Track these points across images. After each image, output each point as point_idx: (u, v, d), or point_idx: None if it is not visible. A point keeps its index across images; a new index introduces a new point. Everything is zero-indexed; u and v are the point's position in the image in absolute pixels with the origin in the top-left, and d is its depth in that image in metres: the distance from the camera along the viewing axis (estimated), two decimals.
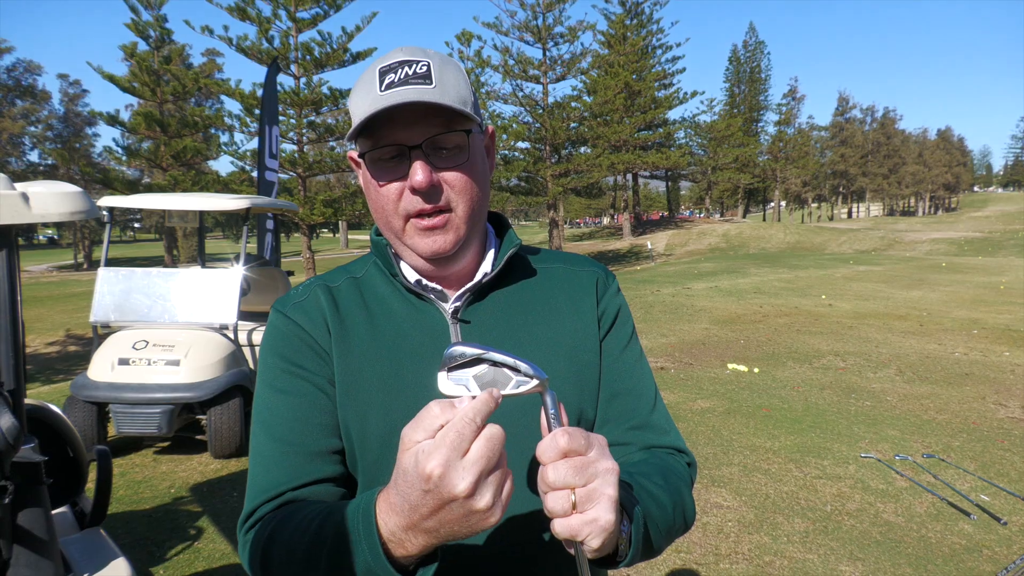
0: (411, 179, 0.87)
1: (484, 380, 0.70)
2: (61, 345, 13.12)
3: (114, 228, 8.41)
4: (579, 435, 0.69)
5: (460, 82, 0.89)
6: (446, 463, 0.62)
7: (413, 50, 0.90)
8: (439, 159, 0.89)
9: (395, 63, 0.87)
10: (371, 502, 0.71)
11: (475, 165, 0.92)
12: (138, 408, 5.01)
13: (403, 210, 0.90)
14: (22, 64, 50.11)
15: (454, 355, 0.70)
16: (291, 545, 0.80)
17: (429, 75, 0.86)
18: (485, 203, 0.96)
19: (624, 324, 1.07)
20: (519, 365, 0.70)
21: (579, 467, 0.67)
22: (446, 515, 0.65)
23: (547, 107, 34.67)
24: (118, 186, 27.11)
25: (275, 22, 24.12)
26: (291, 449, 0.90)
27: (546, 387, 0.71)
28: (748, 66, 67.60)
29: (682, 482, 0.94)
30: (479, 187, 0.93)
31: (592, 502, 0.68)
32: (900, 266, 22.42)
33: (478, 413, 0.64)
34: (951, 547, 3.72)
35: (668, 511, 0.87)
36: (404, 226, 0.92)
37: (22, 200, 1.79)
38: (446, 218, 0.90)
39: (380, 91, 0.85)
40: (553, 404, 0.71)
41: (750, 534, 3.93)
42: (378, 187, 0.91)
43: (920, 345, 9.36)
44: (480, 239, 1.01)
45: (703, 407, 6.51)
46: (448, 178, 0.89)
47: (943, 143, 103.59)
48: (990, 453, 5.14)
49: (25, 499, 1.85)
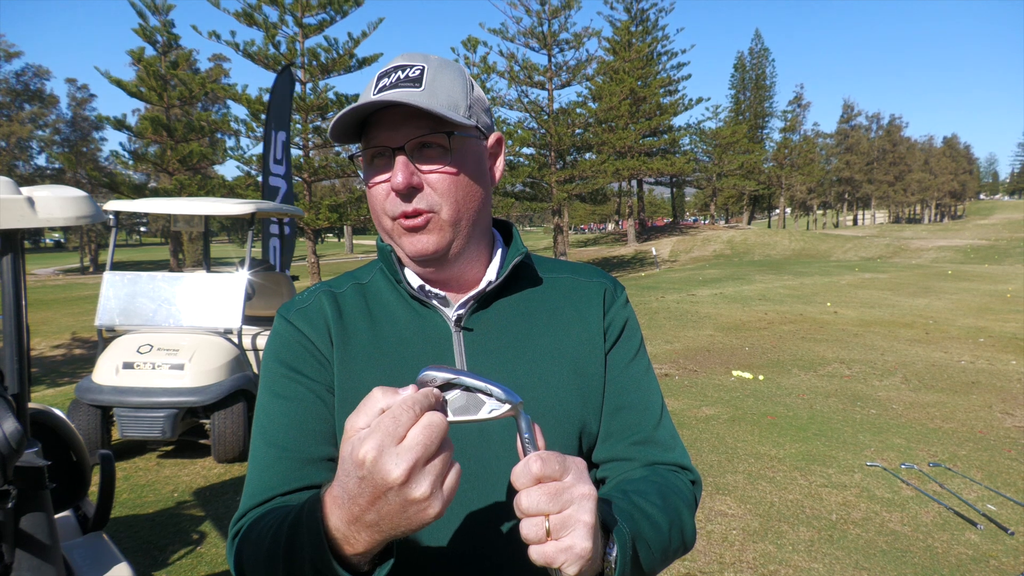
0: (392, 180, 0.88)
1: (456, 405, 0.68)
2: (67, 348, 13.16)
3: (120, 232, 8.44)
4: (553, 460, 0.67)
5: (455, 87, 0.91)
6: (379, 447, 0.60)
7: (412, 56, 0.92)
8: (423, 160, 0.89)
9: (392, 67, 0.90)
10: (319, 498, 0.69)
11: (463, 168, 0.91)
12: (142, 412, 5.01)
13: (389, 211, 0.91)
14: (31, 69, 50.55)
15: (425, 380, 0.68)
16: (257, 544, 0.80)
17: (420, 79, 0.88)
18: (477, 207, 0.95)
19: (631, 337, 1.05)
20: (492, 389, 0.68)
21: (553, 493, 0.66)
22: (384, 506, 0.62)
23: (552, 113, 34.76)
24: (124, 190, 27.21)
25: (282, 27, 24.23)
26: (284, 454, 0.90)
27: (519, 411, 0.69)
28: (753, 73, 67.68)
29: (682, 501, 0.92)
30: (466, 190, 0.92)
31: (567, 529, 0.66)
32: (906, 274, 22.33)
33: (417, 402, 0.62)
34: (958, 557, 3.69)
35: (664, 532, 0.85)
36: (392, 226, 0.92)
37: (27, 204, 1.80)
38: (428, 218, 0.90)
39: (373, 93, 0.88)
40: (527, 428, 0.70)
41: (755, 542, 3.90)
42: (369, 187, 0.93)
43: (926, 353, 9.31)
44: (485, 246, 1.00)
45: (707, 414, 6.48)
46: (431, 180, 0.89)
47: (949, 150, 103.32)
48: (997, 462, 5.10)
49: (28, 503, 1.84)
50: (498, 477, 0.91)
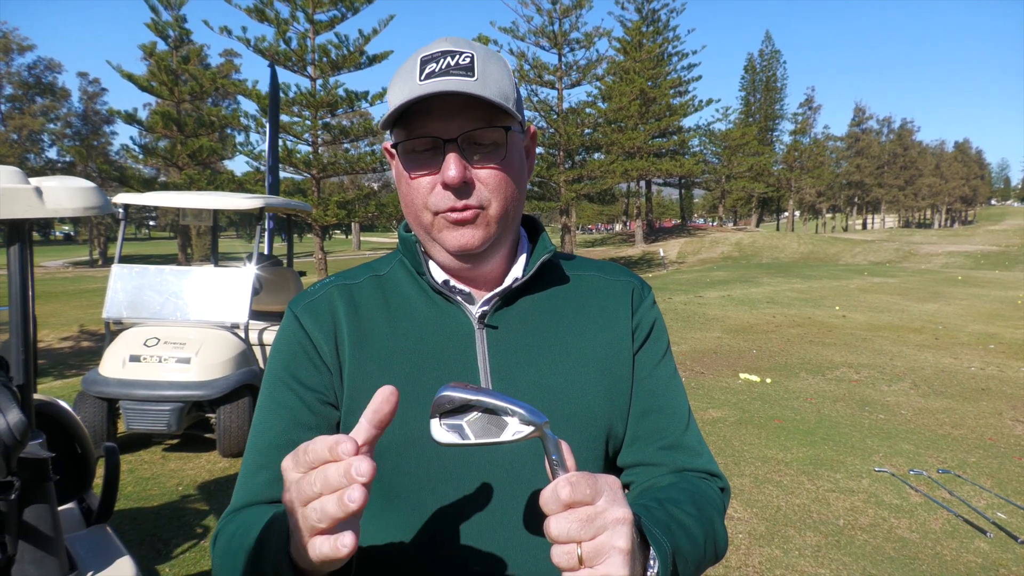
0: (443, 173, 0.83)
1: (477, 427, 0.66)
2: (74, 340, 13.20)
3: (129, 226, 8.48)
4: (584, 483, 0.63)
5: (503, 77, 0.86)
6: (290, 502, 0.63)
7: (458, 41, 0.87)
8: (475, 154, 0.85)
9: (438, 52, 0.84)
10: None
11: (512, 164, 0.88)
12: (148, 405, 5.02)
13: (433, 205, 0.86)
14: (43, 62, 50.89)
15: (443, 402, 0.65)
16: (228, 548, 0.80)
17: (472, 67, 0.83)
18: (520, 204, 0.92)
19: (659, 338, 1.02)
20: (515, 410, 0.65)
21: (585, 519, 0.62)
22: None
23: (562, 112, 34.72)
24: (134, 184, 27.37)
25: (293, 24, 24.30)
26: (267, 463, 0.89)
27: (545, 432, 0.65)
28: (764, 75, 67.46)
29: (715, 511, 0.89)
30: (514, 187, 0.89)
31: (601, 556, 0.62)
32: (915, 279, 22.20)
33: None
34: (966, 565, 3.65)
35: (700, 544, 0.81)
36: (433, 220, 0.88)
37: (35, 194, 1.79)
38: (476, 213, 0.86)
39: (420, 80, 0.82)
40: (555, 449, 0.66)
41: (761, 547, 3.87)
42: (409, 179, 0.87)
43: (935, 359, 9.24)
44: (512, 242, 0.96)
45: (715, 417, 6.45)
46: (482, 175, 0.85)
47: (961, 155, 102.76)
48: (1007, 470, 5.05)
49: (32, 495, 1.84)
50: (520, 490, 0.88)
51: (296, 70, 24.79)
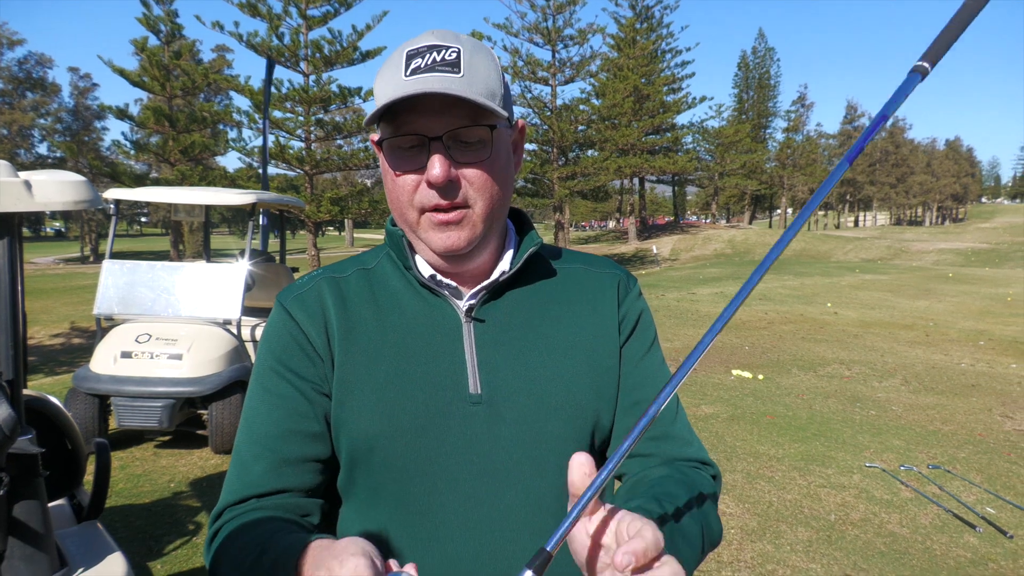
0: (428, 172, 0.82)
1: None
2: (65, 337, 13.12)
3: (121, 222, 8.43)
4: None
5: (491, 73, 0.84)
6: None
7: (444, 34, 0.85)
8: (460, 153, 0.84)
9: (424, 47, 0.82)
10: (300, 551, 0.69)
11: (498, 161, 0.87)
12: (139, 401, 5.00)
13: (418, 203, 0.86)
14: (33, 57, 50.49)
15: None
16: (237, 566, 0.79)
17: (458, 63, 0.81)
18: (506, 201, 0.92)
19: (646, 330, 1.02)
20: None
21: None
22: None
23: (555, 109, 34.70)
24: (126, 180, 27.17)
25: (285, 19, 24.18)
26: (264, 453, 0.89)
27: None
28: (757, 72, 67.55)
29: (710, 502, 0.89)
30: (500, 185, 0.88)
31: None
32: (906, 276, 22.32)
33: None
34: (956, 560, 3.68)
35: (698, 546, 0.81)
36: (419, 219, 0.87)
37: (25, 188, 1.77)
38: (462, 214, 0.85)
39: (405, 76, 0.81)
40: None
41: (753, 542, 3.89)
42: (395, 176, 0.86)
43: (926, 355, 9.30)
44: (499, 236, 0.96)
45: (707, 413, 6.47)
46: (468, 174, 0.85)
47: (952, 153, 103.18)
48: (996, 465, 5.09)
49: (21, 491, 1.82)
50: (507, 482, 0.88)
51: (289, 65, 24.69)
